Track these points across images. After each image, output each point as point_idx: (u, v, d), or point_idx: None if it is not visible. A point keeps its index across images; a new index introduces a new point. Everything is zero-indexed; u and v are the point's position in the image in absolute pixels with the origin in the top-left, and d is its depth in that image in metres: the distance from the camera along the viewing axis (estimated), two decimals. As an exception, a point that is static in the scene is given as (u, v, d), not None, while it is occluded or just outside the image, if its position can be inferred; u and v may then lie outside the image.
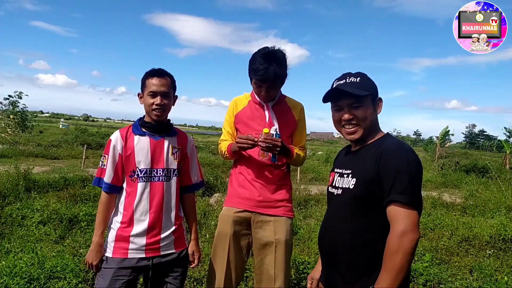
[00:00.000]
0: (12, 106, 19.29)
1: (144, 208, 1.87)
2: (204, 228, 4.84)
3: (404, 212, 1.32)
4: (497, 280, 3.57)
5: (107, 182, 1.88)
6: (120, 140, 1.89)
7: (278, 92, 2.23)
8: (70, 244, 3.90)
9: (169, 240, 1.93)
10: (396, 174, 1.35)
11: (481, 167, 14.45)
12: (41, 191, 6.14)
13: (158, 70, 1.92)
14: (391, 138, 1.53)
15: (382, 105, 1.58)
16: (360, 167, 1.50)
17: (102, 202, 1.90)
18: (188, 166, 2.04)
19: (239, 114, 2.28)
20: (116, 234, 1.87)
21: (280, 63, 2.10)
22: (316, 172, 11.77)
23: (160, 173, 1.90)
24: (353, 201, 1.47)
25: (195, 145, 2.13)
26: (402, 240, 1.29)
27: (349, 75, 1.57)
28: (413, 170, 1.37)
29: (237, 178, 2.29)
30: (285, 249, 2.13)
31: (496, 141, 39.94)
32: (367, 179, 1.43)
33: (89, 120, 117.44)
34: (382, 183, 1.39)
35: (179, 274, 1.96)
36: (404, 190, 1.33)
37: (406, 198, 1.32)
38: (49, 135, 22.60)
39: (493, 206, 6.99)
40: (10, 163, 7.66)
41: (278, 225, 2.16)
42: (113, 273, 1.81)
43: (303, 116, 2.32)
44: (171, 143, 1.96)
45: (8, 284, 2.75)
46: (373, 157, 1.44)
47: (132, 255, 1.85)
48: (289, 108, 2.28)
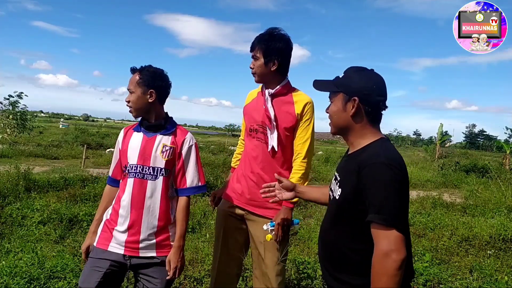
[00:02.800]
0: (12, 106, 19.29)
1: (127, 204, 1.85)
2: (204, 228, 4.84)
3: (382, 233, 1.23)
4: (497, 280, 3.57)
5: (109, 175, 2.02)
6: (122, 135, 1.99)
7: (263, 70, 2.10)
8: (70, 244, 3.90)
9: (149, 243, 1.85)
10: (371, 192, 1.27)
11: (481, 167, 14.44)
12: (41, 191, 6.13)
13: (132, 68, 1.94)
14: (373, 148, 1.38)
15: (357, 108, 1.39)
16: (344, 177, 1.43)
17: (104, 193, 2.02)
18: (183, 167, 1.92)
19: (247, 106, 2.31)
20: (103, 225, 1.92)
21: (270, 37, 2.07)
22: (316, 172, 11.75)
23: (147, 171, 1.86)
24: (338, 211, 1.44)
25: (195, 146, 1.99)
26: (385, 262, 1.20)
27: (350, 69, 1.49)
28: (388, 184, 1.25)
29: (237, 172, 2.30)
30: (275, 251, 2.08)
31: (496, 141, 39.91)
32: (348, 192, 1.37)
33: (89, 120, 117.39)
34: (362, 200, 1.31)
35: (159, 281, 1.83)
36: (380, 209, 1.24)
37: (381, 218, 1.23)
38: (49, 135, 22.57)
39: (493, 206, 7.00)
40: (10, 163, 7.66)
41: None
42: (93, 262, 1.82)
43: (309, 112, 2.14)
44: (163, 141, 1.90)
45: (8, 284, 2.75)
46: (354, 170, 1.35)
47: (112, 249, 1.84)
48: (292, 101, 2.14)
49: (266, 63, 2.09)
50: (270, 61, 2.09)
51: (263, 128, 2.14)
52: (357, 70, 1.46)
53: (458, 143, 66.63)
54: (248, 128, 2.23)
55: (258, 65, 2.10)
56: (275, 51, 2.07)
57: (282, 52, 2.10)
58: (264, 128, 2.14)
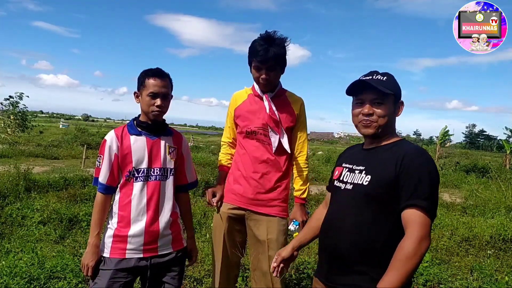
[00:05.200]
0: (12, 106, 19.31)
1: (141, 208, 1.86)
2: (204, 228, 4.84)
3: (423, 218, 1.34)
4: (497, 280, 3.57)
5: (102, 182, 1.85)
6: (115, 140, 1.85)
7: (277, 78, 2.19)
8: (70, 244, 3.90)
9: (166, 240, 1.92)
10: (419, 180, 1.37)
11: (481, 167, 14.44)
12: (41, 191, 6.13)
13: (158, 71, 1.89)
14: (411, 144, 1.54)
15: (403, 109, 1.59)
16: (376, 165, 1.49)
17: (98, 203, 1.87)
18: (184, 165, 2.04)
19: (239, 108, 2.27)
20: (113, 234, 1.85)
21: (280, 45, 2.10)
22: (316, 172, 11.75)
23: (157, 173, 1.90)
24: (364, 197, 1.47)
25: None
26: (420, 246, 1.31)
27: (376, 73, 1.56)
28: (435, 179, 1.40)
29: (233, 174, 2.30)
30: (277, 248, 2.09)
31: (496, 140, 39.95)
32: (384, 179, 1.43)
33: (89, 120, 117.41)
34: (400, 186, 1.39)
35: (176, 274, 1.95)
36: (427, 196, 1.35)
37: (428, 205, 1.35)
38: (49, 135, 22.57)
39: (493, 206, 6.99)
40: (10, 163, 7.66)
41: (270, 225, 2.15)
42: (112, 274, 1.80)
43: (304, 111, 2.28)
44: (168, 142, 1.95)
45: (8, 284, 2.75)
46: (393, 159, 1.44)
47: (130, 255, 1.84)
48: (289, 102, 2.24)
49: (281, 71, 2.19)
50: (282, 69, 2.20)
51: (263, 130, 2.18)
52: (389, 74, 1.58)
53: (458, 143, 66.67)
54: (244, 130, 2.23)
55: (276, 75, 2.16)
56: (284, 59, 2.16)
57: (285, 58, 2.17)
58: (266, 130, 2.17)
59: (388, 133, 1.56)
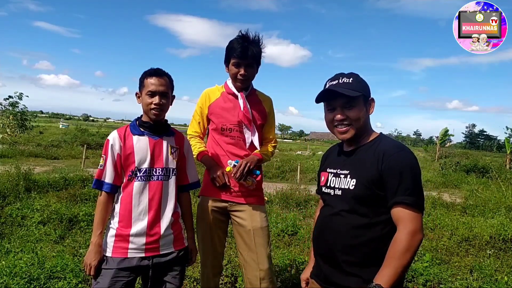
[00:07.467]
0: (12, 106, 19.30)
1: (143, 207, 1.87)
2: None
3: (411, 214, 1.36)
4: (497, 280, 3.57)
5: (109, 182, 1.86)
6: (118, 140, 1.87)
7: (253, 76, 2.29)
8: (70, 244, 3.90)
9: (168, 239, 1.93)
10: (401, 176, 1.38)
11: (481, 167, 14.45)
12: (41, 191, 6.14)
13: (156, 70, 1.91)
14: (388, 139, 1.55)
15: (374, 105, 1.60)
16: (359, 167, 1.50)
17: (101, 202, 1.88)
18: (185, 166, 2.06)
19: (213, 105, 2.32)
20: (116, 233, 1.86)
21: (258, 43, 2.23)
22: (316, 172, 11.77)
23: (159, 172, 1.91)
24: (353, 201, 1.48)
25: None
26: (413, 240, 1.33)
27: (342, 75, 1.58)
28: (417, 172, 1.42)
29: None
30: (262, 234, 2.22)
31: (496, 141, 39.96)
32: (368, 179, 1.44)
33: (89, 120, 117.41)
34: (385, 184, 1.41)
35: (177, 273, 1.96)
36: (411, 192, 1.37)
37: (413, 200, 1.36)
38: (49, 135, 22.57)
39: (493, 206, 6.99)
40: (10, 163, 7.66)
41: (253, 213, 2.24)
42: (113, 273, 1.81)
43: (273, 109, 2.43)
44: (170, 142, 1.97)
45: (8, 284, 2.75)
46: (374, 158, 1.45)
47: (132, 254, 1.85)
48: (260, 100, 2.36)
49: (256, 70, 2.29)
50: (257, 68, 2.30)
51: (239, 127, 2.27)
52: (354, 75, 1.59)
53: (458, 143, 66.72)
54: (219, 127, 2.29)
55: (253, 73, 2.26)
56: (260, 58, 2.27)
57: (261, 58, 2.29)
58: (240, 127, 2.27)
59: (365, 132, 1.57)
